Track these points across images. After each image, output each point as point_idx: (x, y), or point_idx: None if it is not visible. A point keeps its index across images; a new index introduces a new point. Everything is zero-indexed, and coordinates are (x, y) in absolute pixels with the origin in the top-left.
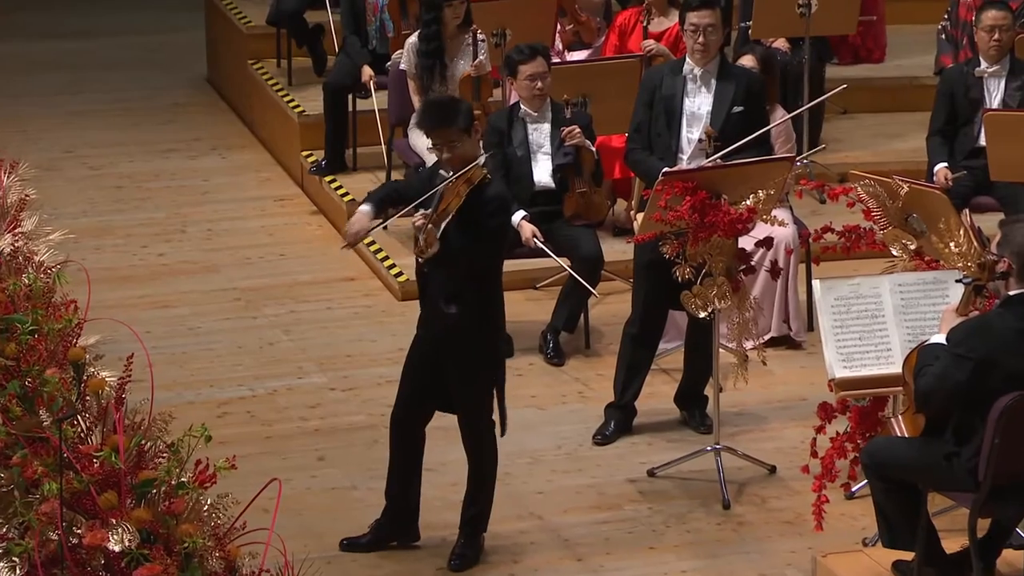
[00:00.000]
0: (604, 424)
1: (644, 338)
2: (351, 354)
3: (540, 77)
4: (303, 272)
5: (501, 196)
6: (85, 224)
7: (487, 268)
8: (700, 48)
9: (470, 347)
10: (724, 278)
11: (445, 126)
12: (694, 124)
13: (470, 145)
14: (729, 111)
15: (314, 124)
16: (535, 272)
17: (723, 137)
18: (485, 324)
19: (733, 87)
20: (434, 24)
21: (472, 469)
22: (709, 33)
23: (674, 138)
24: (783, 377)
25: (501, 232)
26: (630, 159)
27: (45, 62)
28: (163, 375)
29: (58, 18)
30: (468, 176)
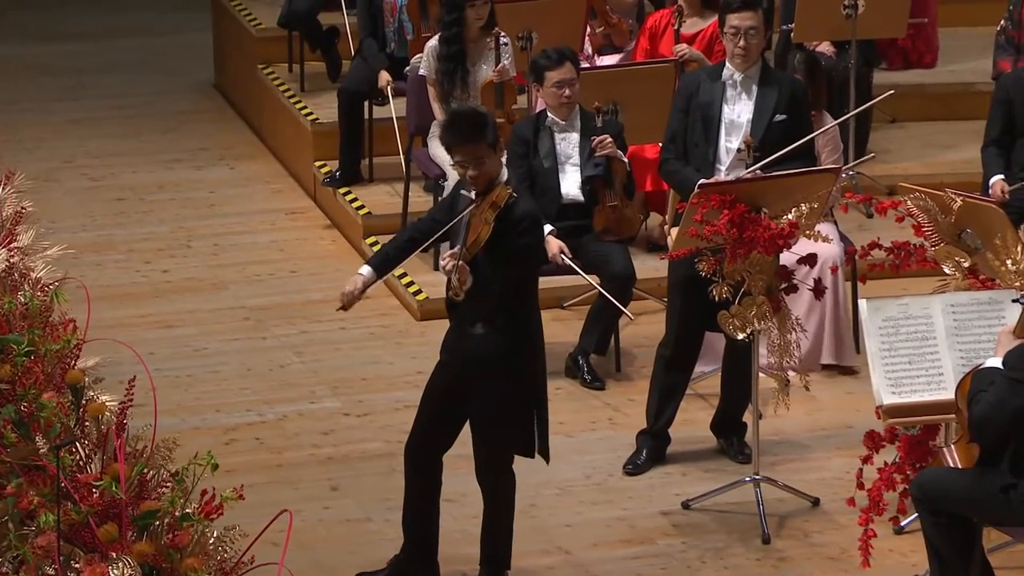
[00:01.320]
0: (636, 452)
1: (679, 361)
2: (366, 377)
3: (568, 84)
4: (315, 290)
5: (532, 213)
6: (84, 239)
7: (521, 290)
8: (741, 52)
9: (498, 376)
10: (764, 297)
11: (472, 142)
12: (733, 133)
13: (495, 162)
14: (771, 120)
15: (328, 132)
16: (562, 290)
17: (764, 147)
18: (519, 351)
19: (776, 94)
20: (455, 26)
21: (487, 509)
22: (750, 36)
23: (711, 148)
24: (827, 403)
25: (537, 250)
26: (664, 170)
27: (42, 66)
28: (167, 399)
29: (56, 19)
30: (493, 199)
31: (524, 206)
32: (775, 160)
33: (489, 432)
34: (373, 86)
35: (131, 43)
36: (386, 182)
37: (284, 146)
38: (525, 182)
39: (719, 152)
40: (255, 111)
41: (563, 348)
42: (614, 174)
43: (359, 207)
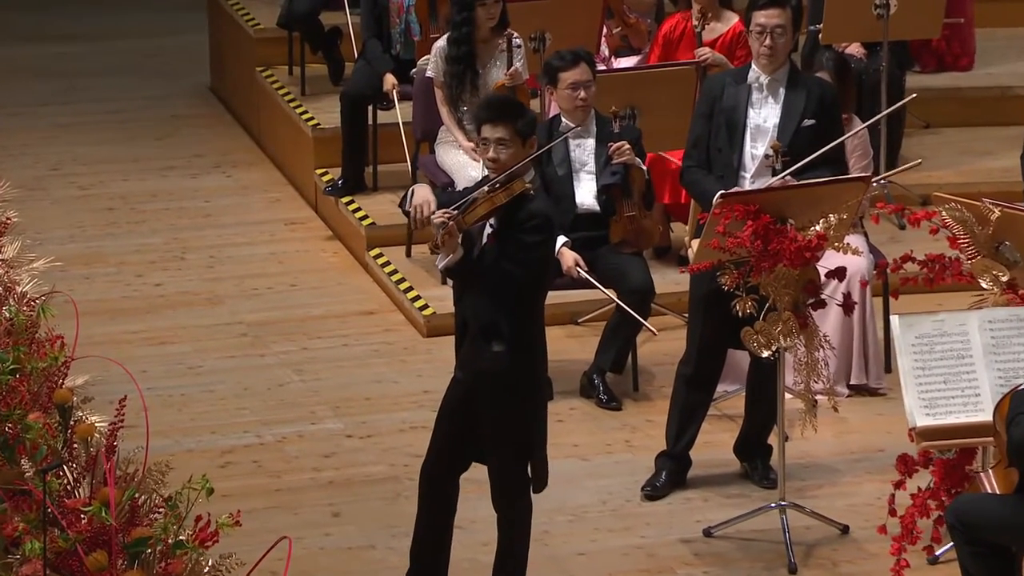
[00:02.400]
0: (655, 475)
1: (700, 380)
2: (370, 397)
3: (584, 86)
4: (317, 305)
5: (543, 213)
6: (73, 250)
7: (526, 297)
8: (767, 52)
9: (504, 391)
10: (790, 313)
11: (502, 122)
12: (759, 139)
13: (521, 156)
14: (799, 124)
15: (330, 139)
16: (577, 305)
17: (791, 153)
18: (522, 364)
19: (804, 98)
20: (465, 26)
21: (501, 534)
22: (777, 35)
23: (736, 154)
24: (857, 425)
25: (541, 253)
26: (686, 178)
27: (29, 68)
28: (160, 420)
29: (45, 19)
30: (509, 187)
31: (537, 205)
32: (805, 165)
33: (500, 453)
34: (377, 90)
35: (123, 44)
36: (391, 191)
37: (284, 153)
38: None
39: (744, 159)
40: (253, 116)
41: (578, 366)
42: (632, 182)
43: (362, 217)
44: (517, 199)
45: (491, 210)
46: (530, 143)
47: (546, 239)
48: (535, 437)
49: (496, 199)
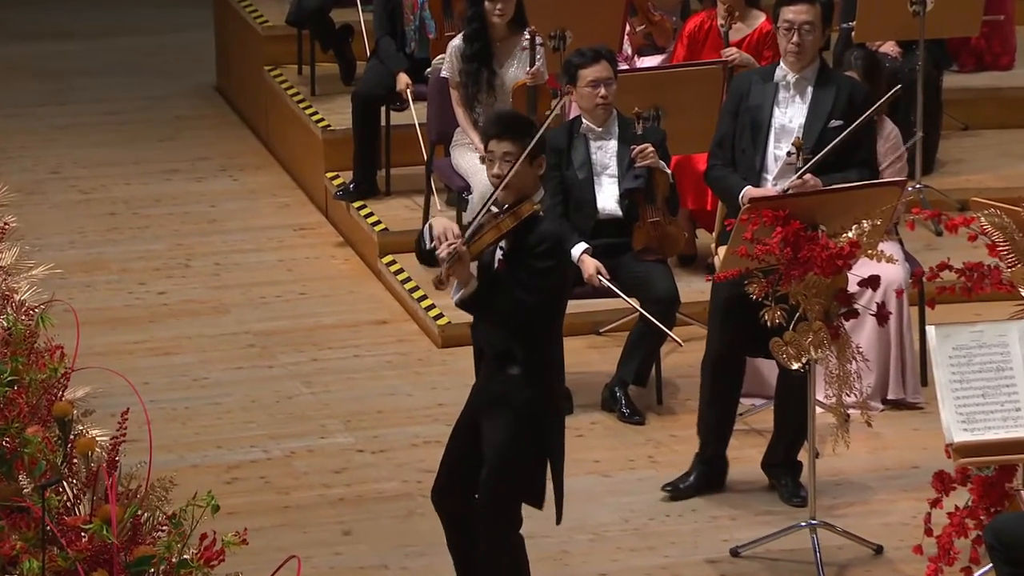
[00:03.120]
0: (682, 476)
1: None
2: (382, 410)
3: (604, 83)
4: (327, 314)
5: (553, 235)
6: (73, 257)
7: (540, 323)
8: (794, 49)
9: (512, 419)
10: (821, 323)
11: (508, 138)
12: (783, 139)
13: (529, 176)
14: (825, 125)
15: (341, 141)
16: (598, 315)
17: (816, 154)
18: (538, 395)
19: (832, 97)
20: (475, 21)
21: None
22: (805, 32)
23: (759, 155)
24: (892, 441)
25: (553, 279)
26: (710, 176)
27: (26, 67)
28: (163, 434)
29: (40, 15)
30: (516, 211)
31: (547, 227)
32: (833, 167)
33: (494, 478)
34: (391, 90)
35: (125, 42)
36: (405, 195)
37: (293, 156)
38: (558, 196)
39: (767, 160)
40: (261, 117)
41: (599, 378)
42: (656, 187)
43: (375, 223)
44: (526, 222)
45: (499, 236)
46: (538, 163)
47: (558, 263)
48: (538, 469)
49: (503, 225)
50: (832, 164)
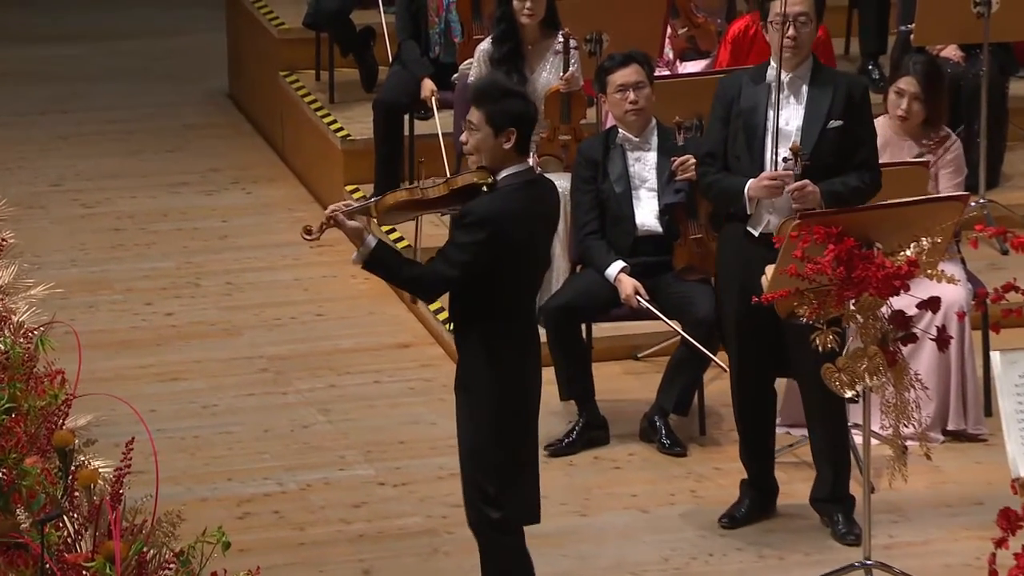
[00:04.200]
0: (736, 504)
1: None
2: (405, 440)
3: (634, 87)
4: (346, 336)
5: (479, 210)
6: (75, 275)
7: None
8: (790, 44)
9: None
10: (877, 348)
11: (476, 104)
12: (782, 143)
13: (496, 149)
14: (824, 126)
15: (362, 151)
16: (636, 338)
17: (816, 157)
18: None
19: (830, 96)
20: (504, 22)
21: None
22: (801, 25)
23: (756, 161)
24: (953, 475)
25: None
26: (703, 183)
27: (25, 72)
28: (171, 465)
29: (43, 17)
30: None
31: (480, 202)
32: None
33: (464, 466)
34: (415, 97)
35: (130, 45)
36: None
37: (310, 167)
38: (594, 211)
39: (765, 165)
40: (276, 126)
41: (637, 407)
42: (698, 201)
43: (398, 239)
44: (463, 194)
45: (416, 201)
46: (506, 135)
47: (479, 240)
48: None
49: (429, 191)
50: (832, 167)
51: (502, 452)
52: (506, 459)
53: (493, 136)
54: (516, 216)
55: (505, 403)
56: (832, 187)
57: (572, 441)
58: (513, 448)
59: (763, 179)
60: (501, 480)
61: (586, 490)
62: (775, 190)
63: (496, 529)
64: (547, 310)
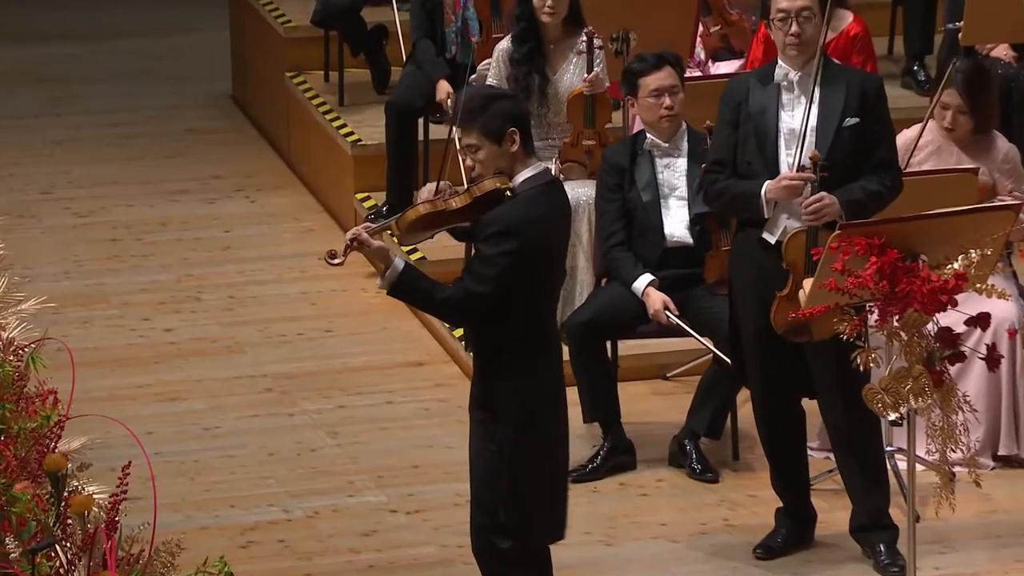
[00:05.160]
0: (771, 534)
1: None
2: (419, 464)
3: (669, 92)
4: (356, 354)
5: (503, 220)
6: (68, 289)
7: (497, 320)
8: (794, 41)
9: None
10: (923, 368)
11: (464, 125)
12: (793, 146)
13: (503, 158)
14: (839, 125)
15: (373, 157)
16: (665, 356)
17: (833, 159)
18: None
19: (843, 93)
20: (524, 20)
21: None
22: (804, 20)
23: (769, 165)
24: (1004, 503)
25: (503, 267)
26: (712, 192)
27: (17, 73)
28: (169, 491)
29: (36, 15)
30: (470, 188)
31: (504, 209)
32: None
33: (474, 492)
34: (430, 99)
35: (129, 45)
36: None
37: (318, 174)
38: (620, 221)
39: (780, 170)
40: (282, 130)
41: (666, 430)
42: None
43: (411, 250)
44: (486, 202)
45: (438, 213)
46: (508, 138)
47: (508, 251)
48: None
49: (453, 202)
50: (850, 168)
51: (521, 478)
52: (524, 485)
53: (497, 146)
54: (542, 221)
55: (529, 424)
56: (851, 195)
57: (596, 466)
58: (533, 473)
59: (782, 179)
60: (516, 508)
61: (611, 519)
62: (795, 191)
63: (503, 561)
64: (570, 326)
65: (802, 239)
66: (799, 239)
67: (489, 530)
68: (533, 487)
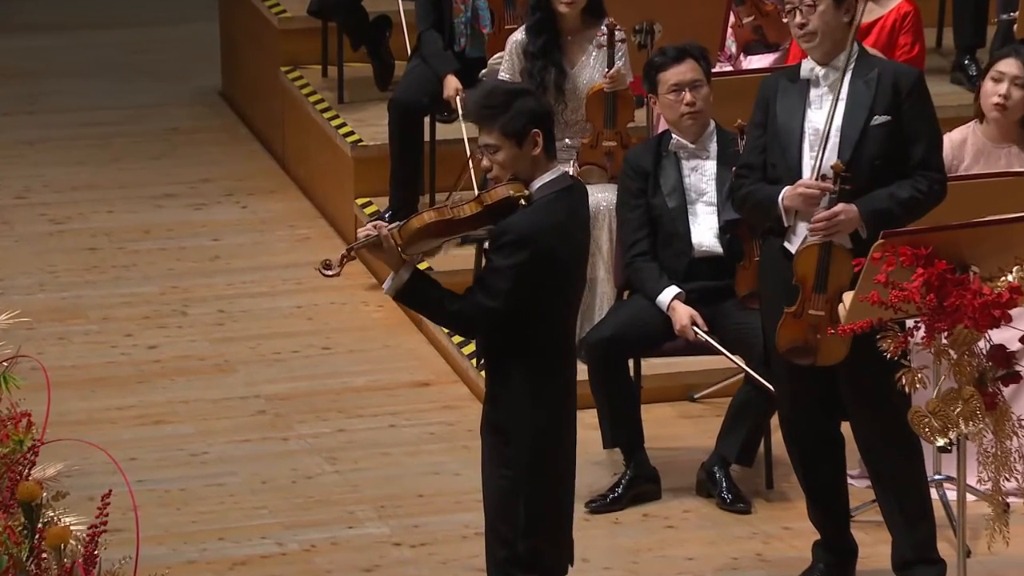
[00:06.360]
0: (810, 568)
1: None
2: (424, 493)
3: (691, 86)
4: (356, 373)
5: (519, 230)
6: (44, 302)
7: (512, 336)
8: (799, 33)
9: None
10: (974, 389)
11: (484, 123)
12: (818, 147)
13: (523, 161)
14: (866, 124)
15: (375, 159)
16: (692, 376)
17: (859, 162)
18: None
19: (872, 88)
20: (540, 10)
21: None
22: (807, 10)
23: (792, 168)
24: None
25: (518, 280)
26: (737, 197)
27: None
28: (153, 522)
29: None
30: (481, 196)
31: (518, 218)
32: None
33: (489, 523)
34: (437, 96)
35: (109, 36)
36: None
37: (315, 177)
38: (643, 228)
39: (803, 173)
40: (276, 130)
41: (694, 455)
42: None
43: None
44: (498, 210)
45: (446, 224)
46: (531, 140)
47: (522, 262)
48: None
49: (462, 210)
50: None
51: (539, 504)
52: (543, 512)
53: (518, 148)
54: (559, 230)
55: (546, 447)
56: (875, 205)
57: (618, 496)
58: (552, 499)
59: (799, 187)
60: (535, 537)
61: (634, 552)
62: (812, 200)
63: None
64: (589, 343)
65: (814, 253)
66: (810, 253)
67: (508, 563)
68: (549, 516)
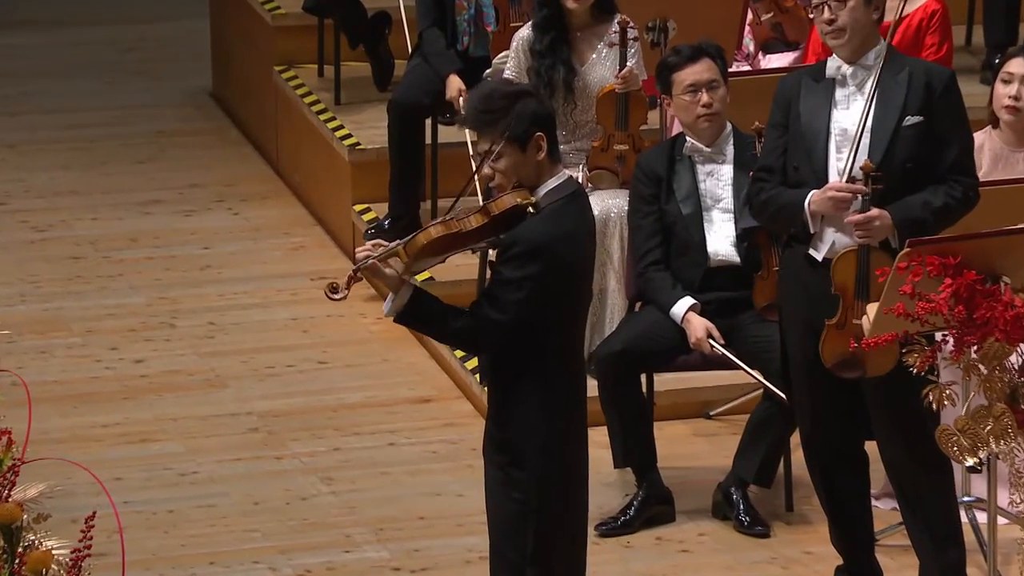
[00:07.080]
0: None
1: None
2: (425, 515)
3: (707, 87)
4: (353, 388)
5: (528, 238)
6: (24, 314)
7: (519, 349)
8: (826, 28)
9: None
10: (1005, 406)
11: (483, 129)
12: (845, 148)
13: (527, 166)
14: (898, 124)
15: (374, 163)
16: (708, 392)
17: (890, 166)
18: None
19: (904, 88)
20: (547, 6)
21: None
22: (836, 5)
23: (818, 171)
24: None
25: (528, 292)
26: (757, 202)
27: None
28: (140, 545)
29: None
30: (487, 206)
31: (527, 227)
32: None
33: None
34: (438, 97)
35: (95, 34)
36: None
37: (311, 182)
38: (656, 236)
39: (829, 176)
40: (270, 132)
41: (710, 476)
42: None
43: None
44: (505, 220)
45: (453, 237)
46: (534, 143)
47: (533, 274)
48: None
49: (468, 222)
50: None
51: (550, 528)
52: (554, 537)
53: (522, 152)
54: (570, 238)
55: (557, 468)
56: (909, 213)
57: (629, 518)
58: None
59: (828, 190)
60: (545, 563)
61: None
62: (842, 204)
63: None
64: (600, 358)
65: (852, 260)
66: (848, 260)
67: None
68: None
